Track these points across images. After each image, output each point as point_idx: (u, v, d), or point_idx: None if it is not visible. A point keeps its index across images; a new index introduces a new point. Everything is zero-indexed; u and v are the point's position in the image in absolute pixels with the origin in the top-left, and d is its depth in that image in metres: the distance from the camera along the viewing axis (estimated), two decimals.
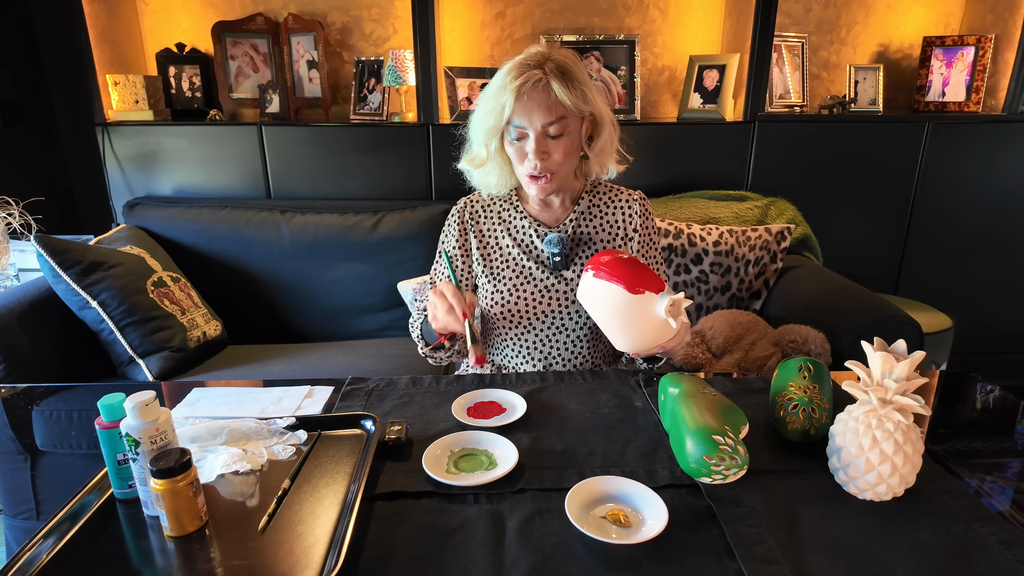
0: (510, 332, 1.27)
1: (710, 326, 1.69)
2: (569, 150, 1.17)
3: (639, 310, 0.93)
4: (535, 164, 1.15)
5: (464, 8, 2.36)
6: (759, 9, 2.13)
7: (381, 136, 2.22)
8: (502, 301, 1.26)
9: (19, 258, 2.01)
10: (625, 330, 0.97)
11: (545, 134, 1.14)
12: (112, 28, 2.23)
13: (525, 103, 1.12)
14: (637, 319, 0.94)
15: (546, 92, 1.12)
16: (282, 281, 2.08)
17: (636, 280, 0.93)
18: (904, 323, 1.53)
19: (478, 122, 1.19)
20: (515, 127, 1.15)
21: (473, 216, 1.32)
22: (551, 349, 1.27)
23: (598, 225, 1.29)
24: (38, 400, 1.15)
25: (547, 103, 1.12)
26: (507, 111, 1.13)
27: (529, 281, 1.26)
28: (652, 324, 0.94)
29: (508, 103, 1.12)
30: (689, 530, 0.73)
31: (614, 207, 1.30)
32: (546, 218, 1.29)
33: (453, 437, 0.90)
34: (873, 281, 2.37)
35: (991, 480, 0.86)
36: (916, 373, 0.78)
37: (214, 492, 0.80)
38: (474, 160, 1.25)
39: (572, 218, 1.28)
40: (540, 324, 1.26)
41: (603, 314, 0.99)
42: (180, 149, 2.23)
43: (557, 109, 1.13)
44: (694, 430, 0.81)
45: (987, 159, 2.30)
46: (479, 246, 1.30)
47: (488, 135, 1.18)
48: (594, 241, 1.28)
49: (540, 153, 1.15)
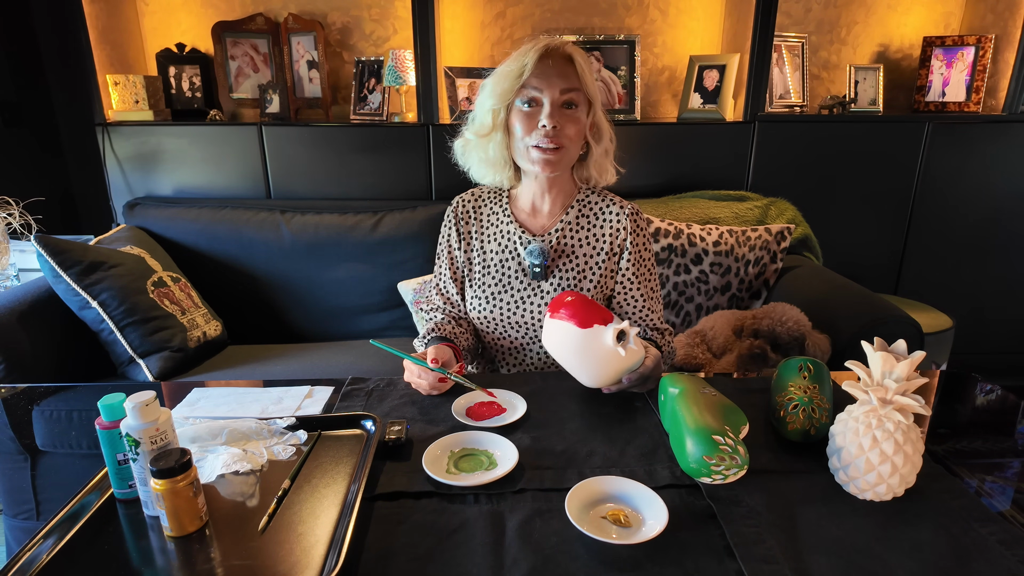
0: (486, 337, 1.28)
1: (710, 326, 1.69)
2: (579, 129, 1.17)
3: (590, 344, 0.97)
4: (548, 130, 1.13)
5: (464, 8, 2.36)
6: (759, 9, 2.13)
7: (381, 136, 2.22)
8: (479, 307, 1.26)
9: (19, 258, 2.01)
10: (583, 364, 1.00)
11: (560, 103, 1.14)
12: (112, 28, 2.23)
13: (547, 67, 1.13)
14: (590, 352, 0.98)
15: (567, 61, 1.14)
16: (282, 281, 2.08)
17: (585, 316, 0.97)
18: (904, 323, 1.53)
19: (490, 88, 1.18)
20: (531, 90, 1.14)
21: (464, 215, 1.31)
22: (524, 357, 1.27)
23: (583, 238, 1.26)
24: (38, 400, 1.15)
25: (567, 71, 1.14)
26: (526, 72, 1.12)
27: (506, 290, 1.25)
28: (603, 354, 0.98)
29: (529, 64, 1.12)
30: (689, 530, 0.73)
31: (602, 220, 1.26)
32: (533, 225, 1.27)
33: (453, 437, 0.90)
34: (873, 281, 2.37)
35: (991, 480, 0.86)
36: (916, 373, 0.78)
37: (214, 492, 0.80)
38: (480, 129, 1.21)
39: (558, 228, 1.25)
40: (515, 333, 1.25)
41: (562, 353, 1.02)
42: (180, 149, 2.23)
43: (573, 80, 1.14)
44: (694, 430, 0.81)
45: (987, 159, 2.30)
46: (466, 248, 1.30)
47: (500, 99, 1.16)
48: (576, 254, 1.25)
49: (554, 120, 1.13)
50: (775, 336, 1.51)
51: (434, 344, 1.15)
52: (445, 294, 1.32)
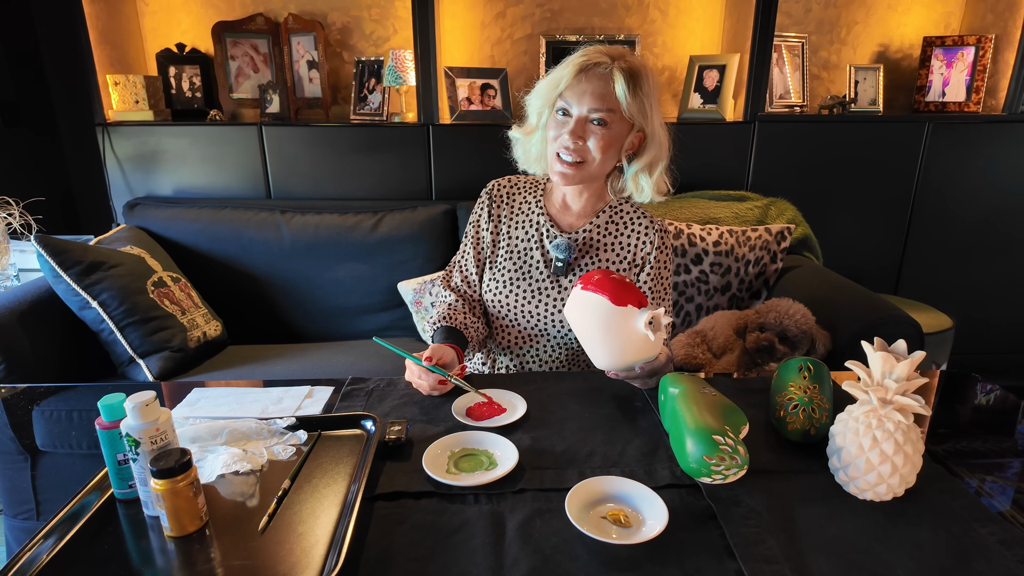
0: (496, 322, 1.28)
1: (711, 326, 1.68)
2: (606, 148, 1.15)
3: (620, 322, 0.95)
4: (567, 143, 1.14)
5: (464, 8, 2.36)
6: (759, 9, 2.13)
7: (381, 136, 2.22)
8: (495, 289, 1.27)
9: (19, 258, 2.01)
10: (605, 341, 0.98)
11: (588, 120, 1.13)
12: (112, 28, 2.23)
13: (581, 83, 1.12)
14: (617, 331, 0.96)
15: (605, 81, 1.11)
16: (282, 281, 2.08)
17: (621, 294, 0.95)
18: (904, 323, 1.53)
19: (538, 90, 1.19)
20: (563, 102, 1.15)
21: (497, 198, 1.32)
22: (527, 350, 1.27)
23: (608, 244, 1.26)
24: (38, 400, 1.15)
25: (602, 92, 1.11)
26: (562, 84, 1.12)
27: (524, 278, 1.26)
28: (632, 337, 0.95)
29: (566, 77, 1.12)
30: (689, 530, 0.73)
31: (630, 231, 1.27)
32: (562, 220, 1.28)
33: (453, 437, 0.90)
34: (873, 281, 2.37)
35: (991, 480, 0.86)
36: (916, 373, 0.78)
37: (214, 492, 0.80)
38: (525, 128, 1.25)
39: (587, 228, 1.26)
40: (524, 323, 1.26)
41: (586, 326, 0.99)
42: (180, 149, 2.23)
43: (609, 101, 1.12)
44: (694, 430, 0.81)
45: (987, 159, 2.30)
46: (493, 230, 1.31)
47: (542, 104, 1.18)
48: (599, 258, 1.26)
49: (575, 136, 1.13)
50: (783, 329, 1.51)
51: (441, 335, 1.15)
52: (464, 273, 1.33)
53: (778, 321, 1.51)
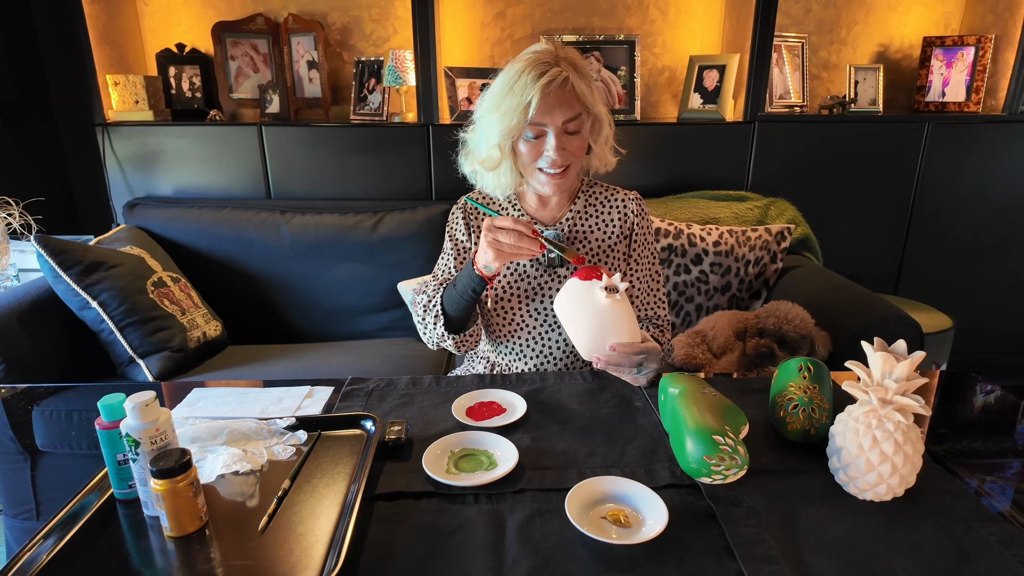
0: (504, 329, 1.28)
1: (711, 326, 1.69)
2: (582, 145, 1.19)
3: (586, 297, 1.00)
4: (554, 159, 1.14)
5: (464, 8, 2.36)
6: (759, 9, 2.13)
7: (381, 136, 2.22)
8: (495, 297, 1.27)
9: (19, 258, 2.01)
10: (579, 322, 1.03)
11: (564, 131, 1.14)
12: (112, 28, 2.23)
13: (549, 101, 1.11)
14: (586, 307, 1.01)
15: (566, 89, 1.12)
16: (282, 281, 2.08)
17: (588, 273, 1.01)
18: (904, 323, 1.53)
19: (493, 124, 1.15)
20: (536, 127, 1.13)
21: (473, 211, 1.32)
22: (543, 347, 1.27)
23: (594, 224, 1.29)
24: (38, 400, 1.15)
25: (568, 100, 1.12)
26: (532, 110, 1.10)
27: (523, 279, 1.26)
28: (596, 310, 1.00)
29: (534, 101, 1.10)
30: (689, 530, 0.73)
31: (610, 206, 1.30)
32: (543, 216, 1.29)
33: (453, 437, 0.91)
34: (873, 281, 2.37)
35: (991, 480, 0.86)
36: (916, 373, 0.78)
37: (214, 492, 0.80)
38: (486, 162, 1.20)
39: (568, 216, 1.28)
40: (533, 321, 1.26)
41: (566, 312, 1.04)
42: (180, 149, 2.23)
43: (575, 106, 1.13)
44: (694, 430, 0.81)
45: (987, 159, 2.30)
46: (476, 240, 1.30)
47: (505, 136, 1.14)
48: (589, 240, 1.28)
49: (560, 150, 1.14)
50: (782, 334, 1.51)
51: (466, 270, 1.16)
52: None
53: (777, 327, 1.51)
